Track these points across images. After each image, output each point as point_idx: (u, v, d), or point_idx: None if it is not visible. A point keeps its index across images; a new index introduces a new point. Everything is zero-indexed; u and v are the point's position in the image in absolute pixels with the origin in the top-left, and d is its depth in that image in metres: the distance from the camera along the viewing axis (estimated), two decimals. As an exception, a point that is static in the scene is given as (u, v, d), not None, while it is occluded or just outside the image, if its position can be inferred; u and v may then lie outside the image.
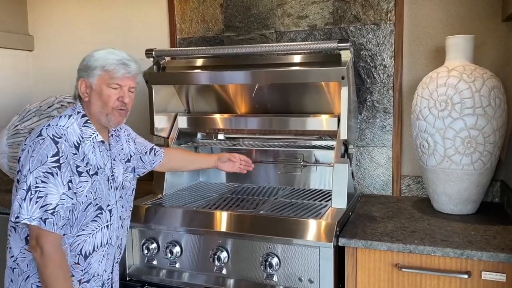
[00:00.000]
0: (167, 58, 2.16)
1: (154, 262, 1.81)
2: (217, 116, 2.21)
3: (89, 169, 1.44)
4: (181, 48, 2.31)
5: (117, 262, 1.61)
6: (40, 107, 2.37)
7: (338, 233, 1.59)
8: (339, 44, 1.74)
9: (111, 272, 1.57)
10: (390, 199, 2.11)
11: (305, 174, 2.19)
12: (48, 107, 2.38)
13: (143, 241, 1.81)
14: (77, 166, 1.41)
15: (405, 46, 2.11)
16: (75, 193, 1.39)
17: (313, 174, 2.19)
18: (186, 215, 1.78)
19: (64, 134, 1.40)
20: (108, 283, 1.55)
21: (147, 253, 1.79)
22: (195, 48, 2.22)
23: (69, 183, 1.37)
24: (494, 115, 1.70)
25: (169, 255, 1.75)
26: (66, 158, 1.38)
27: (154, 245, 1.79)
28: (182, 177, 2.22)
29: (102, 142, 1.50)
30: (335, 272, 1.57)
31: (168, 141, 2.13)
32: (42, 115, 2.38)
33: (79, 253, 1.44)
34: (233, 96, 2.21)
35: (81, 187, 1.41)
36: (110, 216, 1.51)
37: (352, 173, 2.05)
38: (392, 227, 1.67)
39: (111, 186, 1.51)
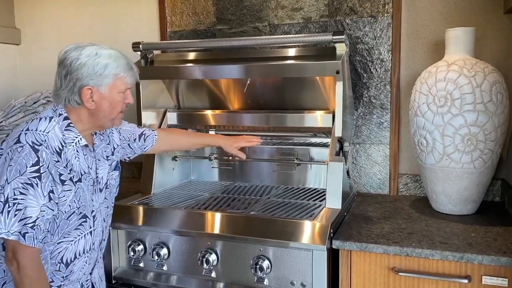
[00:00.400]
0: (156, 52, 2.08)
1: (141, 265, 1.74)
2: (209, 112, 2.13)
3: (73, 176, 1.35)
4: (169, 41, 2.23)
5: (97, 262, 1.53)
6: (25, 102, 2.29)
7: (332, 235, 1.52)
8: (333, 37, 1.66)
9: (90, 273, 1.49)
10: (387, 198, 2.04)
11: (299, 172, 2.11)
12: (34, 103, 2.30)
13: (129, 242, 1.73)
14: (60, 174, 1.32)
15: (403, 40, 2.03)
16: (56, 203, 1.31)
17: (308, 172, 2.11)
18: (174, 216, 1.70)
19: (45, 140, 1.30)
20: (87, 284, 1.48)
21: (133, 255, 1.72)
22: (184, 41, 2.14)
23: (50, 194, 1.28)
24: (495, 111, 1.62)
25: (156, 257, 1.67)
26: (48, 167, 1.28)
27: (141, 246, 1.72)
28: (172, 176, 2.15)
29: (86, 146, 1.40)
30: (328, 276, 1.50)
31: (157, 138, 2.05)
32: (27, 111, 2.30)
33: (60, 261, 1.37)
34: (226, 91, 2.13)
35: (64, 196, 1.32)
36: (94, 221, 1.43)
37: (348, 172, 1.98)
38: (388, 229, 1.60)
39: (96, 189, 1.44)
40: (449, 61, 1.70)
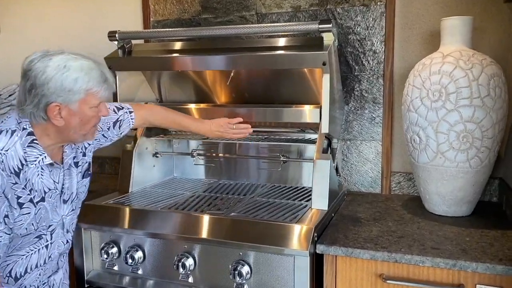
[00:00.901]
0: (138, 42, 1.97)
1: (115, 268, 1.64)
2: (192, 106, 2.02)
3: (34, 197, 1.22)
4: (147, 30, 2.12)
5: (60, 268, 1.43)
6: (0, 95, 2.18)
7: (316, 239, 1.42)
8: (320, 26, 1.54)
9: (49, 277, 1.39)
10: (378, 197, 1.93)
11: (287, 170, 2.01)
12: (10, 95, 2.20)
13: (102, 244, 1.63)
14: (18, 197, 1.19)
15: (396, 30, 1.91)
16: (11, 228, 1.19)
17: (297, 170, 2.01)
18: (150, 217, 1.60)
19: (2, 161, 1.16)
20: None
21: (106, 258, 1.61)
22: (162, 30, 2.02)
23: (5, 219, 1.17)
24: (493, 107, 1.51)
25: (130, 260, 1.57)
26: (3, 191, 1.15)
27: (115, 249, 1.62)
28: (153, 173, 2.04)
29: (51, 164, 1.26)
30: (312, 282, 1.40)
31: (136, 133, 1.94)
32: (2, 104, 2.20)
33: (8, 274, 1.26)
34: (210, 83, 2.02)
35: (21, 220, 1.21)
36: (52, 235, 1.32)
37: (337, 169, 1.87)
38: (377, 232, 1.50)
39: (61, 202, 1.32)
40: (445, 53, 1.59)
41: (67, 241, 1.38)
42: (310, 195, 1.70)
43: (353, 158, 2.02)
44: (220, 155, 2.08)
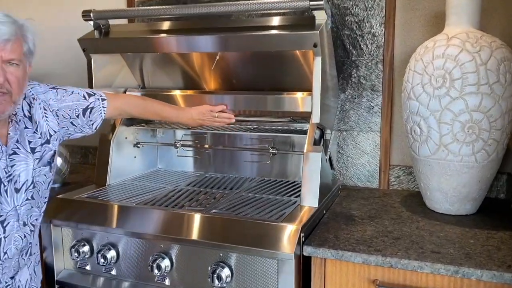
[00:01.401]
0: (120, 22, 1.83)
1: (88, 268, 1.51)
2: (177, 93, 1.87)
3: None
4: (126, 9, 1.96)
5: (23, 266, 1.30)
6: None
7: (303, 239, 1.28)
8: (311, 3, 1.38)
9: (11, 278, 1.26)
10: (375, 192, 1.79)
11: (277, 163, 1.86)
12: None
13: (73, 242, 1.50)
14: None
15: (398, 11, 1.75)
16: None
17: (289, 163, 1.87)
18: (123, 213, 1.47)
19: None
20: None
21: (77, 257, 1.48)
22: (142, 8, 1.86)
23: None
24: (503, 95, 1.36)
25: (102, 260, 1.44)
26: None
27: (87, 247, 1.49)
28: (134, 165, 1.90)
29: None
30: (298, 287, 1.26)
31: (115, 121, 1.80)
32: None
33: None
34: (198, 68, 1.87)
35: None
36: (4, 228, 1.19)
37: (331, 162, 1.73)
38: (372, 232, 1.36)
39: (7, 190, 1.19)
40: (450, 34, 1.43)
41: (25, 236, 1.25)
42: (300, 190, 1.56)
43: (349, 150, 1.88)
44: (205, 146, 1.94)
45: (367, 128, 1.84)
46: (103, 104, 1.40)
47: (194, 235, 1.35)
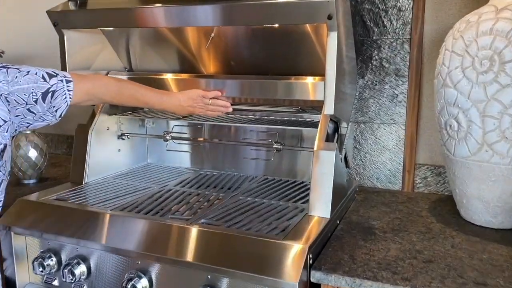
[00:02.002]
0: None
1: (55, 283, 1.27)
2: (169, 77, 1.61)
3: None
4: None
5: None
6: None
7: (310, 262, 1.02)
8: (326, -34, 1.10)
9: None
10: (398, 196, 1.52)
11: (283, 159, 1.60)
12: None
13: (37, 254, 1.26)
14: None
15: (430, -20, 1.47)
16: None
17: (294, 160, 1.60)
18: (95, 221, 1.22)
19: None
20: None
21: (42, 271, 1.25)
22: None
23: None
24: None
25: (70, 276, 1.20)
26: None
27: (53, 260, 1.25)
28: (118, 159, 1.65)
29: None
30: (304, 322, 1.01)
31: (94, 108, 1.55)
32: None
33: None
34: (195, 48, 1.60)
35: None
36: None
37: (346, 160, 1.46)
38: (397, 251, 1.09)
39: None
40: (499, 6, 1.15)
41: None
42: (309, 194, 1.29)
43: (368, 146, 1.61)
44: (200, 139, 1.68)
45: (390, 120, 1.57)
46: (68, 86, 1.14)
47: (176, 252, 1.10)
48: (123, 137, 1.64)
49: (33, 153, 1.65)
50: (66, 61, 1.43)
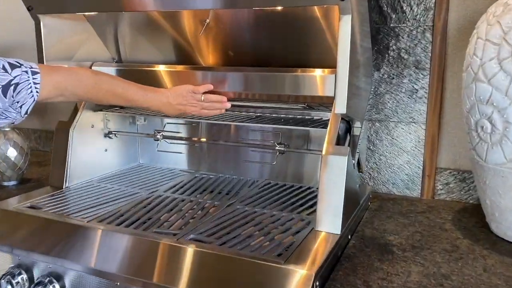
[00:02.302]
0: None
1: (27, 303, 1.12)
2: (161, 69, 1.44)
3: None
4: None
5: None
6: None
7: (318, 290, 0.86)
8: None
9: None
10: (417, 205, 1.35)
11: (288, 161, 1.43)
12: None
13: (6, 270, 1.11)
14: None
15: (457, -41, 1.29)
16: None
17: (302, 162, 1.43)
18: (69, 234, 1.06)
19: None
20: None
21: (11, 290, 1.10)
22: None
23: None
24: None
25: (42, 297, 1.05)
26: None
27: (24, 277, 1.10)
28: (105, 160, 1.50)
29: None
30: None
31: (77, 103, 1.39)
32: None
33: None
34: (191, 36, 1.43)
35: None
36: None
37: (359, 164, 1.29)
38: (419, 275, 0.93)
39: None
40: (545, -15, 0.97)
41: None
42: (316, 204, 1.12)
43: (383, 147, 1.43)
44: (194, 139, 1.51)
45: (408, 119, 1.39)
46: (34, 79, 0.98)
47: (159, 276, 0.94)
48: (111, 135, 1.48)
49: (12, 153, 1.50)
50: (42, 51, 1.27)
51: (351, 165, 1.07)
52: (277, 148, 1.27)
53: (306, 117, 1.35)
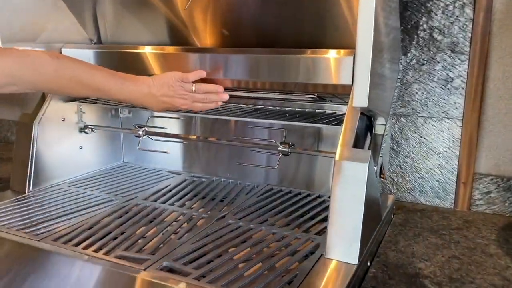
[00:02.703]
0: None
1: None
2: (147, 51, 1.22)
3: None
4: None
5: None
6: None
7: None
8: None
9: None
10: (451, 218, 1.11)
11: (294, 163, 1.20)
12: None
13: None
14: None
15: None
16: None
17: (311, 164, 1.20)
18: (11, 257, 0.85)
19: None
20: None
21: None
22: None
23: None
24: None
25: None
26: None
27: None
28: (82, 158, 1.28)
29: None
30: None
31: (44, 96, 1.18)
32: None
33: None
34: (184, 13, 1.20)
35: None
36: None
37: (382, 169, 1.05)
38: (464, 327, 0.69)
39: None
40: None
41: None
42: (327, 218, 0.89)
43: (410, 147, 1.19)
44: (181, 136, 1.29)
45: (441, 113, 1.15)
46: None
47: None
48: (87, 130, 1.27)
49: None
50: (-4, 29, 1.05)
51: (372, 173, 0.83)
52: (279, 148, 1.03)
53: (317, 110, 1.11)
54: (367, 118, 0.91)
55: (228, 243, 0.87)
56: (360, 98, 0.78)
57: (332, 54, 0.94)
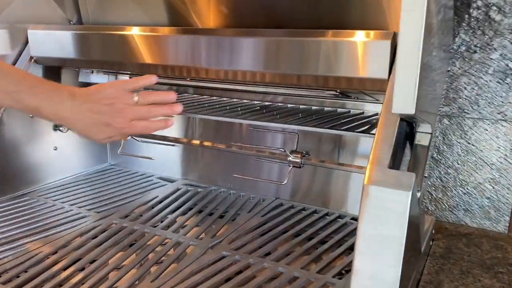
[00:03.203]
0: None
1: None
2: (135, 32, 1.00)
3: None
4: None
5: None
6: None
7: None
8: None
9: None
10: (506, 248, 0.88)
11: (308, 175, 0.98)
12: None
13: None
14: None
15: None
16: None
17: (328, 176, 0.98)
18: None
19: None
20: None
21: None
22: None
23: None
24: None
25: None
26: None
27: None
28: (57, 161, 1.08)
29: None
30: None
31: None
32: None
33: None
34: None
35: None
36: None
37: (421, 187, 0.83)
38: None
39: None
40: None
41: None
42: (353, 245, 0.66)
43: (454, 156, 0.96)
44: (170, 138, 1.07)
45: (496, 114, 0.91)
46: None
47: None
48: (62, 128, 1.06)
49: None
50: None
51: (415, 202, 0.61)
52: (290, 159, 0.81)
53: (339, 109, 0.89)
54: (407, 124, 0.68)
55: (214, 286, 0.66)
56: (403, 101, 0.55)
57: (360, 36, 0.71)
